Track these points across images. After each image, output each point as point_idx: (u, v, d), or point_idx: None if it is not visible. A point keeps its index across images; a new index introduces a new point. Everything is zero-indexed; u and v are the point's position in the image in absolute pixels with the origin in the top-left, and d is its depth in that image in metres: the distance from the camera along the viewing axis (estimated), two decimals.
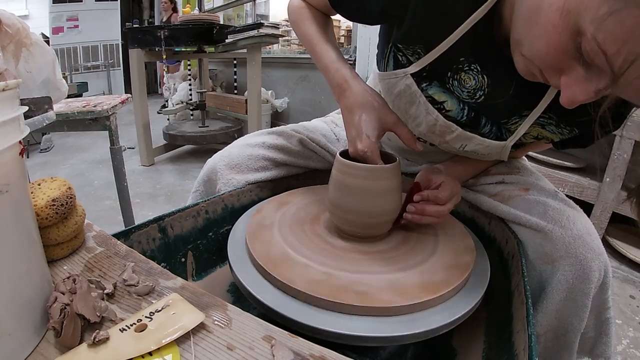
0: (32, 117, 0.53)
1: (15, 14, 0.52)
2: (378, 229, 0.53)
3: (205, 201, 0.61)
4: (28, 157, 2.68)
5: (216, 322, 0.31)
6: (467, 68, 0.51)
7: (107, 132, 1.14)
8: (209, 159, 0.71)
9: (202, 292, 0.35)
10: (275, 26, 2.26)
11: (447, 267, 0.47)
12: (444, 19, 0.48)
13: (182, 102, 3.17)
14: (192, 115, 3.22)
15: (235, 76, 3.28)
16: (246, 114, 2.52)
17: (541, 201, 0.56)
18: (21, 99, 0.37)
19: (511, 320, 0.46)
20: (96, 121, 1.10)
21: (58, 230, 0.37)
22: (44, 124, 0.54)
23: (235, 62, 3.30)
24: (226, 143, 0.76)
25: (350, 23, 3.19)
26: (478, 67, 0.50)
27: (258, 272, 0.46)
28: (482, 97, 0.52)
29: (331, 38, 0.62)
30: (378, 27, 0.60)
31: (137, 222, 0.51)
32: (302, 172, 0.76)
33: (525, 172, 0.65)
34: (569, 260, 0.51)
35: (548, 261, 0.53)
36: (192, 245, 0.60)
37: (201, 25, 2.29)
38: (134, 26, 2.59)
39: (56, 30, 5.24)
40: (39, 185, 0.40)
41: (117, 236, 0.45)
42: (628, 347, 1.01)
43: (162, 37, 2.17)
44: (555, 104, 0.50)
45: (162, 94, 4.36)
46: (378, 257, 0.49)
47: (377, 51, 0.61)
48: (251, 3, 3.77)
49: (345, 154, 0.53)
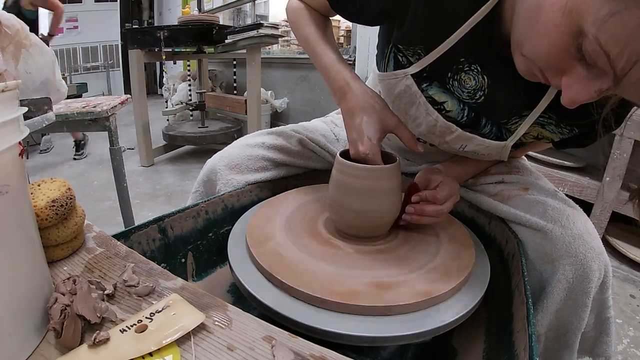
0: (32, 118, 0.53)
1: (14, 15, 0.52)
2: (378, 229, 0.53)
3: (205, 202, 0.61)
4: (28, 158, 2.68)
5: (216, 323, 0.31)
6: (468, 68, 0.51)
7: (107, 133, 1.14)
8: (209, 160, 0.71)
9: (203, 293, 0.35)
10: (274, 26, 2.26)
11: (447, 267, 0.47)
12: (445, 20, 0.48)
13: (182, 103, 3.17)
14: (192, 115, 3.22)
15: (234, 76, 3.28)
16: (246, 115, 2.52)
17: (541, 201, 0.56)
18: (21, 100, 0.37)
19: (511, 320, 0.46)
20: (96, 122, 1.10)
21: (58, 231, 0.37)
22: (44, 125, 0.54)
23: (234, 63, 3.30)
24: (226, 143, 0.76)
25: (349, 23, 3.19)
26: (478, 68, 0.50)
27: (258, 273, 0.46)
28: (482, 98, 0.52)
29: (330, 39, 0.62)
30: (377, 28, 0.60)
31: (137, 223, 0.51)
32: (302, 173, 0.76)
33: (525, 172, 0.65)
34: (569, 259, 0.51)
35: (548, 261, 0.53)
36: (192, 245, 0.60)
37: (201, 25, 2.30)
38: (134, 27, 2.60)
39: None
40: (39, 186, 0.40)
41: (117, 237, 0.45)
42: (629, 347, 1.01)
43: (162, 38, 2.17)
44: (555, 104, 0.50)
45: (162, 95, 4.36)
46: (378, 258, 0.49)
47: (377, 51, 0.61)
48: (250, 3, 3.78)
49: (345, 155, 0.53)
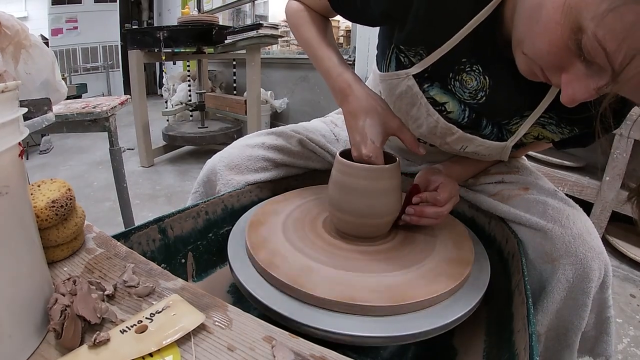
0: (32, 119, 0.53)
1: (14, 16, 0.52)
2: (378, 229, 0.53)
3: (205, 202, 0.61)
4: (27, 159, 2.68)
5: (217, 323, 0.31)
6: (469, 69, 0.51)
7: (107, 134, 1.14)
8: (209, 160, 0.71)
9: (203, 293, 0.35)
10: (274, 27, 2.26)
11: (447, 267, 0.47)
12: (446, 21, 0.48)
13: (182, 103, 3.17)
14: (192, 116, 3.22)
15: (234, 77, 3.28)
16: (245, 115, 2.52)
17: (541, 200, 0.56)
18: (20, 101, 0.37)
19: (512, 319, 0.46)
20: (95, 122, 1.10)
21: (58, 231, 0.37)
22: (44, 126, 0.54)
23: (234, 63, 3.30)
24: (226, 144, 0.76)
25: (349, 23, 3.20)
26: (480, 68, 0.50)
27: (258, 273, 0.46)
28: (484, 98, 0.52)
29: (331, 41, 0.61)
30: (377, 28, 0.60)
31: (137, 224, 0.51)
32: (302, 173, 0.76)
33: (524, 172, 0.65)
34: (569, 259, 0.51)
35: (548, 260, 0.53)
36: (192, 246, 0.60)
37: (200, 26, 2.30)
38: (133, 27, 2.60)
39: (55, 31, 5.24)
40: (39, 186, 0.40)
41: (117, 237, 0.45)
42: (629, 346, 1.01)
43: (162, 38, 2.17)
44: (555, 104, 0.51)
45: (162, 95, 4.35)
46: (378, 257, 0.49)
47: (378, 52, 0.61)
48: (250, 4, 3.78)
49: (345, 155, 0.53)
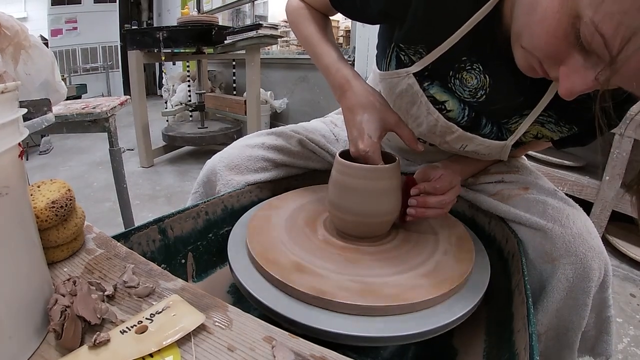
0: (31, 119, 0.53)
1: (13, 16, 0.52)
2: (378, 229, 0.53)
3: (205, 202, 0.61)
4: (27, 159, 2.68)
5: (217, 323, 0.31)
6: (469, 67, 0.51)
7: (107, 134, 1.14)
8: (208, 160, 0.71)
9: (203, 294, 0.35)
10: (274, 27, 2.26)
11: (447, 267, 0.47)
12: (446, 20, 0.48)
13: (181, 104, 3.18)
14: (191, 116, 3.22)
15: (234, 77, 3.29)
16: (245, 115, 2.52)
17: (541, 200, 0.56)
18: (20, 101, 0.37)
19: (512, 319, 0.46)
20: (95, 123, 1.10)
21: (58, 232, 0.37)
22: (43, 126, 0.54)
23: (234, 63, 3.31)
24: (225, 144, 0.76)
25: (348, 23, 3.20)
26: (480, 67, 0.50)
27: (258, 273, 0.46)
28: (484, 97, 0.52)
29: (331, 38, 0.62)
30: (377, 28, 0.60)
31: (137, 224, 0.51)
32: (302, 173, 0.76)
33: (524, 171, 0.65)
34: (569, 259, 0.51)
35: (548, 260, 0.53)
36: (192, 246, 0.60)
37: (200, 26, 2.30)
38: (133, 28, 2.59)
39: (55, 32, 5.24)
40: (39, 187, 0.40)
41: (117, 238, 0.45)
42: (629, 346, 1.01)
43: (161, 39, 2.17)
44: (555, 103, 0.51)
45: (162, 96, 4.35)
46: (378, 258, 0.49)
47: (378, 51, 0.61)
48: (250, 4, 3.78)
49: (344, 155, 0.53)
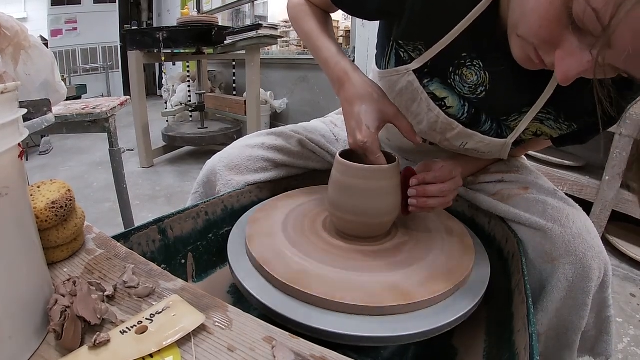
0: (31, 120, 0.53)
1: (13, 17, 0.52)
2: (378, 229, 0.53)
3: (204, 202, 0.61)
4: (27, 160, 2.68)
5: (217, 324, 0.31)
6: (470, 63, 0.51)
7: (106, 134, 1.14)
8: (208, 161, 0.71)
9: (203, 294, 0.35)
10: (273, 27, 2.26)
11: (448, 267, 0.47)
12: (444, 15, 0.48)
13: (181, 104, 3.18)
14: (191, 116, 3.22)
15: (234, 77, 3.29)
16: (245, 115, 2.52)
17: (541, 200, 0.56)
18: (20, 102, 0.37)
19: (512, 319, 0.46)
20: (95, 123, 1.10)
21: (58, 232, 0.37)
22: (43, 127, 0.54)
23: (234, 64, 3.31)
24: (225, 144, 0.76)
25: (349, 23, 3.20)
26: (480, 63, 0.50)
27: (258, 273, 0.46)
28: (484, 93, 0.52)
29: (331, 33, 0.62)
30: (376, 28, 0.60)
31: (137, 224, 0.51)
32: (302, 173, 0.76)
33: (524, 171, 0.65)
34: (569, 258, 0.51)
35: (548, 260, 0.53)
36: (192, 246, 0.60)
37: (200, 26, 2.30)
38: (133, 28, 2.60)
39: (55, 32, 5.23)
40: (39, 187, 0.40)
41: (117, 238, 0.45)
42: (629, 345, 1.01)
43: (161, 39, 2.17)
44: (554, 100, 0.51)
45: (162, 96, 4.35)
46: (378, 257, 0.49)
47: (377, 50, 0.61)
48: (249, 4, 3.78)
49: (344, 155, 0.53)
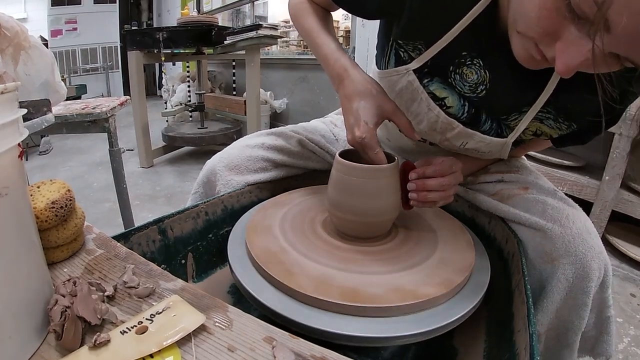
0: (31, 120, 0.53)
1: (13, 17, 0.52)
2: (378, 229, 0.53)
3: (204, 202, 0.61)
4: (27, 160, 2.68)
5: (217, 324, 0.31)
6: (470, 62, 0.51)
7: (106, 134, 1.14)
8: (208, 161, 0.71)
9: (203, 294, 0.35)
10: (273, 27, 2.26)
11: (448, 267, 0.47)
12: (443, 14, 0.48)
13: (181, 104, 3.18)
14: (191, 116, 3.22)
15: (234, 77, 3.29)
16: (245, 115, 2.52)
17: (540, 200, 0.56)
18: (20, 102, 0.37)
19: (512, 319, 0.46)
20: (95, 123, 1.10)
21: (58, 232, 0.37)
22: (43, 127, 0.54)
23: (234, 64, 3.31)
24: (225, 144, 0.76)
25: (349, 23, 3.20)
26: (480, 62, 0.50)
27: (258, 274, 0.46)
28: (484, 92, 0.52)
29: (331, 31, 0.62)
30: (376, 29, 0.60)
31: (137, 224, 0.51)
32: (302, 173, 0.76)
33: (524, 171, 0.65)
34: (569, 259, 0.51)
35: (548, 260, 0.53)
36: (192, 246, 0.60)
37: (200, 27, 2.30)
38: (133, 28, 2.60)
39: (55, 32, 5.24)
40: (38, 187, 0.40)
41: (117, 238, 0.45)
42: (629, 345, 1.01)
43: (161, 39, 2.17)
44: (554, 100, 0.51)
45: (161, 96, 4.35)
46: (378, 258, 0.49)
47: (377, 51, 0.61)
48: (249, 4, 3.79)
49: (344, 155, 0.53)
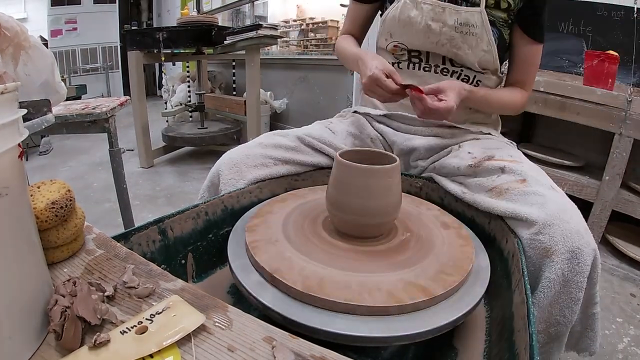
0: (31, 120, 0.53)
1: (13, 17, 0.52)
2: (378, 229, 0.53)
3: (205, 203, 0.61)
4: (27, 160, 2.68)
5: (217, 324, 0.31)
6: None
7: (106, 135, 1.14)
8: (212, 168, 0.73)
9: (203, 294, 0.35)
10: (273, 27, 2.26)
11: (447, 267, 0.47)
12: None
13: (181, 104, 3.18)
14: (191, 116, 3.22)
15: (234, 77, 3.29)
16: (245, 115, 2.52)
17: (538, 194, 0.57)
18: (20, 102, 0.37)
19: (512, 319, 0.46)
20: (95, 123, 1.10)
21: (58, 232, 0.37)
22: (43, 127, 0.54)
23: (234, 64, 3.31)
24: (225, 144, 0.76)
25: None
26: None
27: (258, 274, 0.47)
28: None
29: (355, 45, 0.86)
30: (377, 28, 0.62)
31: (137, 224, 0.51)
32: (302, 172, 0.77)
33: (525, 164, 0.66)
34: (566, 254, 0.51)
35: (545, 255, 0.53)
36: (192, 247, 0.60)
37: (200, 27, 2.30)
38: (133, 28, 2.60)
39: (55, 32, 5.24)
40: (39, 188, 0.40)
41: (117, 238, 0.45)
42: (629, 345, 1.01)
43: (161, 39, 2.17)
44: None
45: (161, 96, 4.35)
46: (378, 257, 0.49)
47: (378, 35, 0.81)
48: (249, 4, 3.78)
49: (344, 155, 0.53)
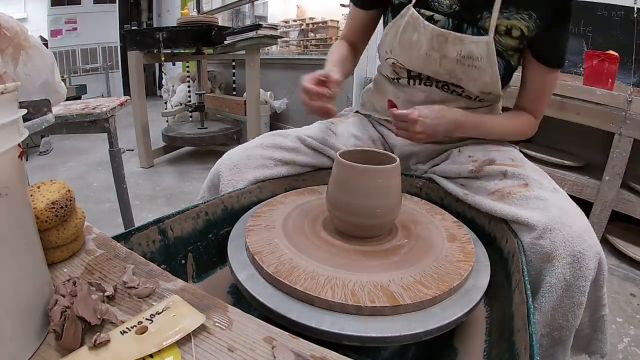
0: (31, 120, 0.53)
1: (13, 17, 0.52)
2: (378, 229, 0.53)
3: (205, 203, 0.61)
4: (27, 160, 2.68)
5: (217, 324, 0.31)
6: None
7: (106, 135, 1.14)
8: (212, 168, 0.73)
9: (203, 294, 0.35)
10: (273, 27, 2.26)
11: (448, 267, 0.47)
12: None
13: (181, 104, 3.18)
14: (191, 116, 3.22)
15: (234, 77, 3.28)
16: (245, 115, 2.52)
17: (541, 198, 0.57)
18: (20, 102, 0.37)
19: (512, 319, 0.46)
20: (95, 123, 1.10)
21: (58, 232, 0.37)
22: (43, 127, 0.54)
23: (234, 64, 3.30)
24: (225, 144, 0.76)
25: None
26: None
27: (258, 274, 0.46)
28: (457, 7, 0.68)
29: (336, 56, 0.79)
30: (376, 32, 0.62)
31: (137, 225, 0.51)
32: (302, 172, 0.76)
33: (527, 167, 0.66)
34: (567, 258, 0.51)
35: (546, 259, 0.53)
36: (192, 247, 0.60)
37: (199, 27, 2.30)
38: (133, 28, 2.60)
39: (55, 32, 5.24)
40: (39, 188, 0.40)
41: (117, 238, 0.45)
42: (629, 345, 1.01)
43: (161, 39, 2.17)
44: None
45: (161, 96, 4.35)
46: (378, 257, 0.49)
47: (380, 44, 0.77)
48: (249, 4, 3.79)
49: (345, 155, 0.53)
